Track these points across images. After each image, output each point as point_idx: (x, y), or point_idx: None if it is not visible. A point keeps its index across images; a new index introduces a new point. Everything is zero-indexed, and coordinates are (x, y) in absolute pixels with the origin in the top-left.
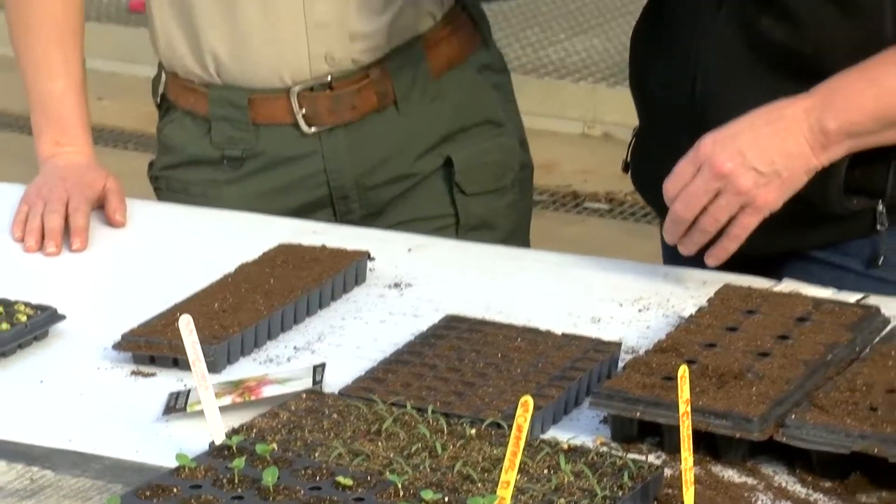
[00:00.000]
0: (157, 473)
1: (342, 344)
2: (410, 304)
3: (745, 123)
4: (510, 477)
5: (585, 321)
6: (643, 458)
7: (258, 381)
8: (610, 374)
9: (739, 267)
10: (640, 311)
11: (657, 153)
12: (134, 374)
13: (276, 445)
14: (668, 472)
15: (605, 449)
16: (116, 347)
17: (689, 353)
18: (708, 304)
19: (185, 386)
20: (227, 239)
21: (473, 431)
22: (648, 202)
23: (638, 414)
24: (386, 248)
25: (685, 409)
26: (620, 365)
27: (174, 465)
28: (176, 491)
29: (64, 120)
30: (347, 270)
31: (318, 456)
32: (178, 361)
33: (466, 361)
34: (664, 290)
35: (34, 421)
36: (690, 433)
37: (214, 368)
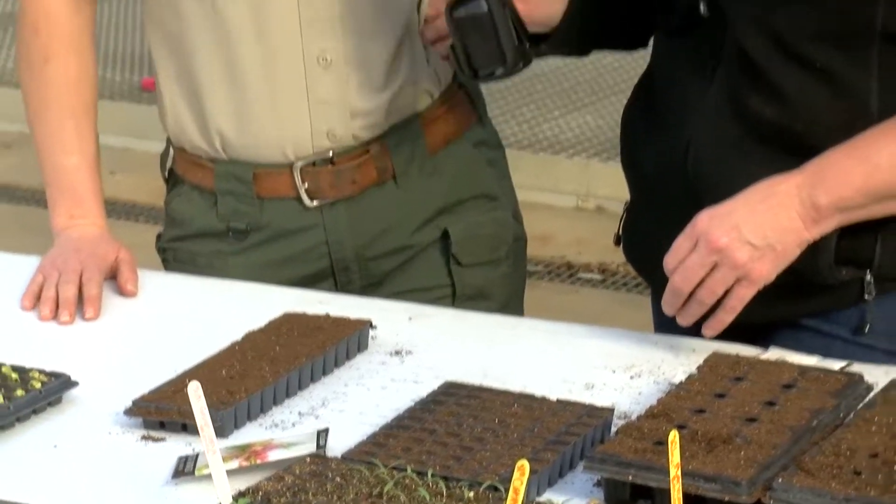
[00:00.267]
0: None
1: (345, 409)
2: (411, 370)
3: (739, 200)
4: None
5: (579, 387)
6: None
7: (264, 445)
8: (603, 438)
9: (731, 334)
10: (632, 377)
11: (648, 227)
12: (144, 438)
13: None
14: None
15: None
16: (128, 413)
17: (679, 418)
18: (697, 371)
19: (193, 450)
20: (234, 308)
21: (472, 494)
22: (640, 273)
23: (630, 477)
24: (387, 316)
25: (676, 472)
26: (613, 430)
27: None
28: None
29: (78, 193)
30: (350, 339)
31: None
32: (187, 426)
33: (465, 426)
34: (655, 357)
35: (48, 484)
36: (681, 496)
37: (222, 433)
